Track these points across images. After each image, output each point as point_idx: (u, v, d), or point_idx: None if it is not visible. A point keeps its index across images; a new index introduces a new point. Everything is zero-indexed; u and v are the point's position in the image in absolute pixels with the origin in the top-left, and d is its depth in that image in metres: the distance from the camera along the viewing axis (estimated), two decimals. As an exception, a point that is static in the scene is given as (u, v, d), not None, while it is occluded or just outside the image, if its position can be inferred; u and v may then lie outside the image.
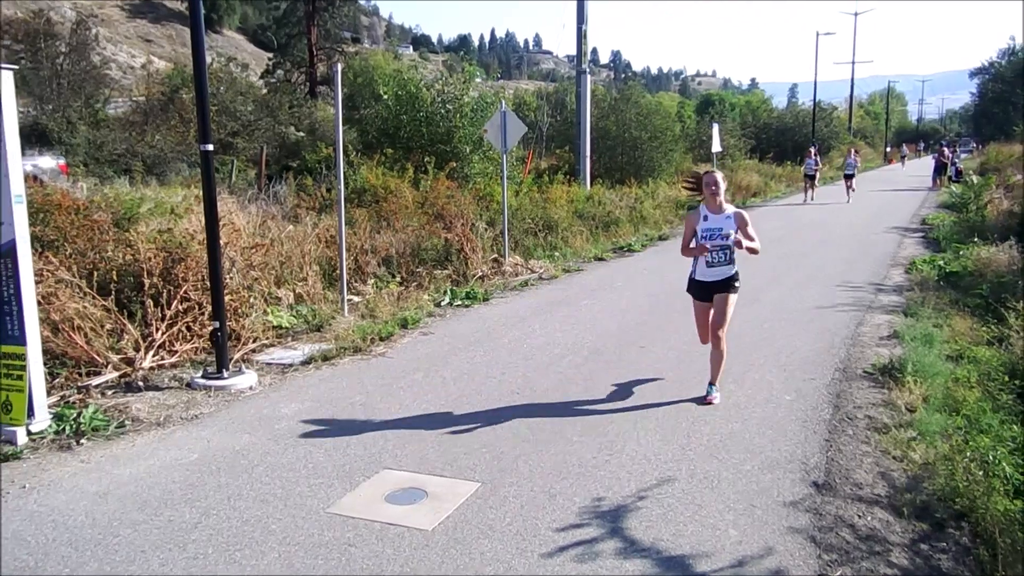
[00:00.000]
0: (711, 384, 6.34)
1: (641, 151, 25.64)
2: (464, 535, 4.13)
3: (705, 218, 6.25)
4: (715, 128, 23.64)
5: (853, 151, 29.59)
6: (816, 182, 27.20)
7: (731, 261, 6.25)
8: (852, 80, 65.46)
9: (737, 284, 6.33)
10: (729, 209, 6.25)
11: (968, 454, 4.69)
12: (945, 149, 36.52)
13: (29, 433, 5.58)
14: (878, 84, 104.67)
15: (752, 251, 6.23)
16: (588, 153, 22.07)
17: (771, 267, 12.93)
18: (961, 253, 12.77)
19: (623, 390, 6.60)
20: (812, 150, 28.10)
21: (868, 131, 74.50)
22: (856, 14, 65.47)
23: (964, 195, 20.43)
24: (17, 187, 5.54)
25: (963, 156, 47.76)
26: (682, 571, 3.77)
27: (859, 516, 4.35)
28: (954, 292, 10.29)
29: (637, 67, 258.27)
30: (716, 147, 22.92)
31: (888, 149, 65.55)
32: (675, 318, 9.24)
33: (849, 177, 27.20)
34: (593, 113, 23.46)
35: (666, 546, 4.00)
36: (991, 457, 4.55)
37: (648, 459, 5.12)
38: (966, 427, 5.31)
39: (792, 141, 44.37)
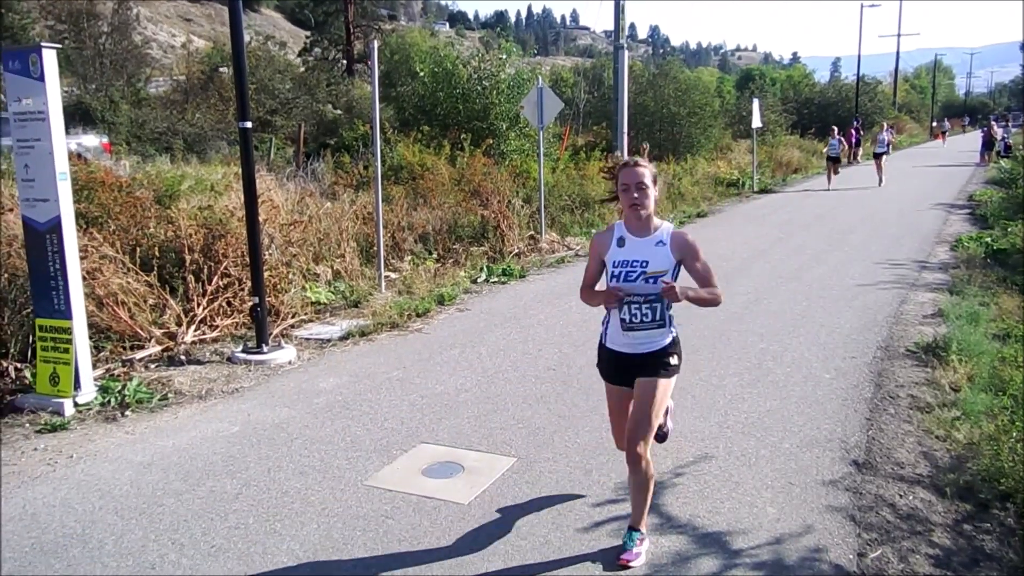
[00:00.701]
0: (631, 530, 3.72)
1: (679, 127, 25.35)
2: (500, 508, 4.15)
3: (620, 242, 3.74)
4: (755, 103, 23.21)
5: (887, 126, 27.27)
6: (839, 165, 24.46)
7: (663, 321, 3.68)
8: (897, 53, 63.85)
9: (675, 361, 3.78)
10: (662, 230, 3.72)
11: (1014, 434, 4.59)
12: (994, 124, 35.42)
13: (76, 405, 5.71)
14: (925, 57, 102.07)
15: (702, 302, 3.75)
16: (625, 129, 21.79)
17: (812, 245, 12.73)
18: (1009, 230, 12.45)
19: (660, 367, 6.55)
20: (853, 126, 27.39)
21: (914, 105, 72.70)
22: (903, -15, 63.67)
23: (1013, 170, 19.88)
24: (61, 164, 5.64)
25: (1013, 130, 46.46)
26: (719, 548, 3.75)
27: (900, 496, 4.28)
28: (1002, 270, 10.04)
29: (676, 42, 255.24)
30: (756, 123, 22.54)
31: (934, 124, 63.99)
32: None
33: (879, 156, 24.34)
34: (631, 89, 23.17)
35: (703, 523, 3.99)
36: (1038, 437, 4.44)
37: (685, 436, 5.09)
38: (1012, 407, 5.20)
39: (835, 116, 43.44)
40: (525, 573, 3.57)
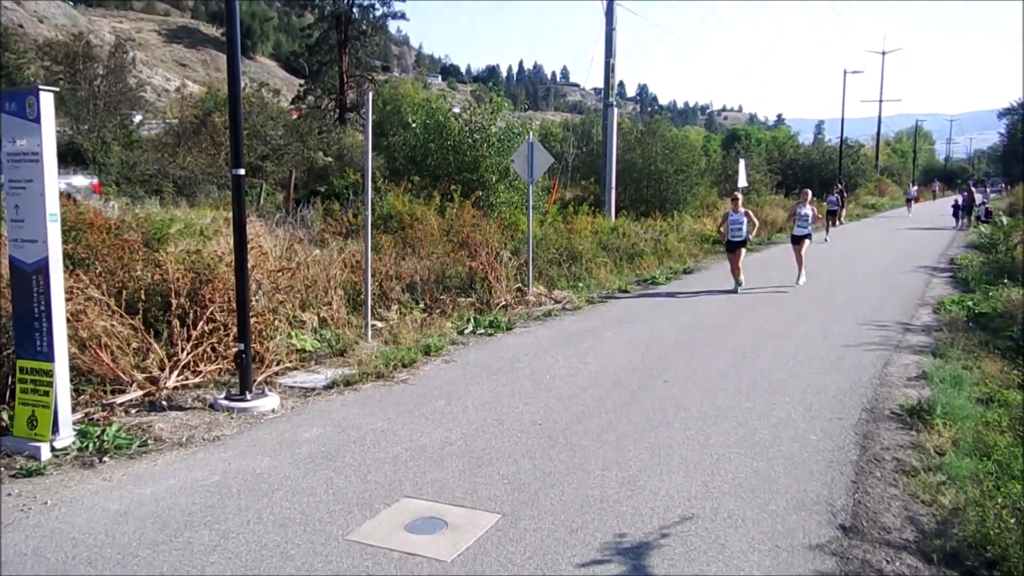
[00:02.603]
0: None
1: (667, 184, 25.67)
2: (483, 568, 4.08)
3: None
4: (741, 163, 23.60)
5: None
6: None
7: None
8: (879, 118, 65.28)
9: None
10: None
11: (999, 500, 4.58)
12: (973, 189, 36.15)
13: (53, 449, 5.61)
14: (906, 122, 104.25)
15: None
16: (614, 185, 22.13)
17: (797, 304, 12.82)
18: (991, 294, 12.59)
19: (646, 424, 6.53)
20: (837, 187, 27.99)
21: (895, 168, 74.09)
22: (884, 53, 65.43)
23: (994, 235, 20.20)
24: (52, 206, 5.63)
25: (992, 196, 47.34)
26: (705, 612, 3.70)
27: (887, 561, 4.25)
28: (984, 333, 10.13)
29: (664, 100, 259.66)
30: (742, 182, 22.86)
31: (915, 187, 65.13)
32: (699, 352, 9.17)
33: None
34: (619, 145, 23.55)
35: (689, 586, 3.93)
36: (1024, 505, 4.44)
37: (671, 496, 5.05)
38: (997, 472, 5.20)
39: (819, 177, 44.22)
40: (508, 635, 3.49)
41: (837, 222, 26.74)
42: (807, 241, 15.21)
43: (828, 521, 4.70)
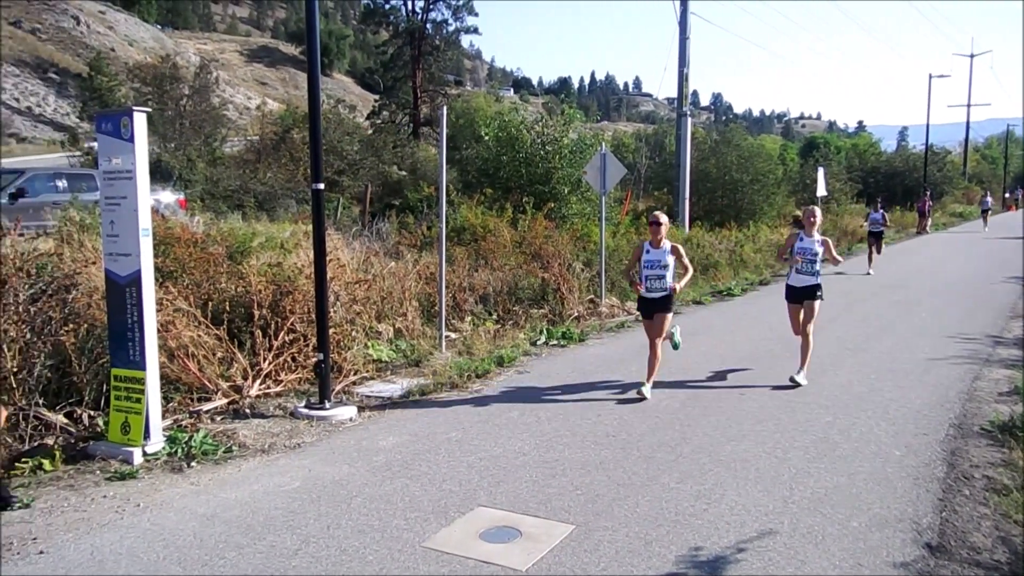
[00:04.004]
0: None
1: (742, 194, 25.25)
2: (558, 577, 4.09)
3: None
4: (820, 171, 23.03)
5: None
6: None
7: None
8: (967, 124, 62.94)
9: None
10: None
11: (1100, 522, 4.37)
12: None
13: (144, 454, 5.86)
14: (997, 127, 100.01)
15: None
16: (687, 195, 21.90)
17: (879, 316, 12.45)
18: (1089, 306, 11.99)
19: (722, 437, 6.44)
20: (924, 196, 26.26)
21: (985, 175, 71.16)
22: (972, 56, 63.10)
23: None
24: (145, 221, 5.90)
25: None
26: (784, 629, 3.63)
27: (977, 583, 4.09)
28: (1082, 347, 9.65)
29: (739, 109, 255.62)
30: (821, 191, 22.31)
31: (1006, 195, 62.40)
32: (777, 364, 8.99)
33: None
34: (693, 155, 23.30)
35: (767, 602, 3.86)
36: None
37: (748, 510, 4.97)
38: (1097, 493, 4.95)
39: (902, 185, 42.91)
40: (583, 646, 3.49)
41: (918, 231, 22.54)
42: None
43: (913, 540, 4.56)
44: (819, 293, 8.37)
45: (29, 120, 55.45)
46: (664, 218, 7.94)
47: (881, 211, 20.13)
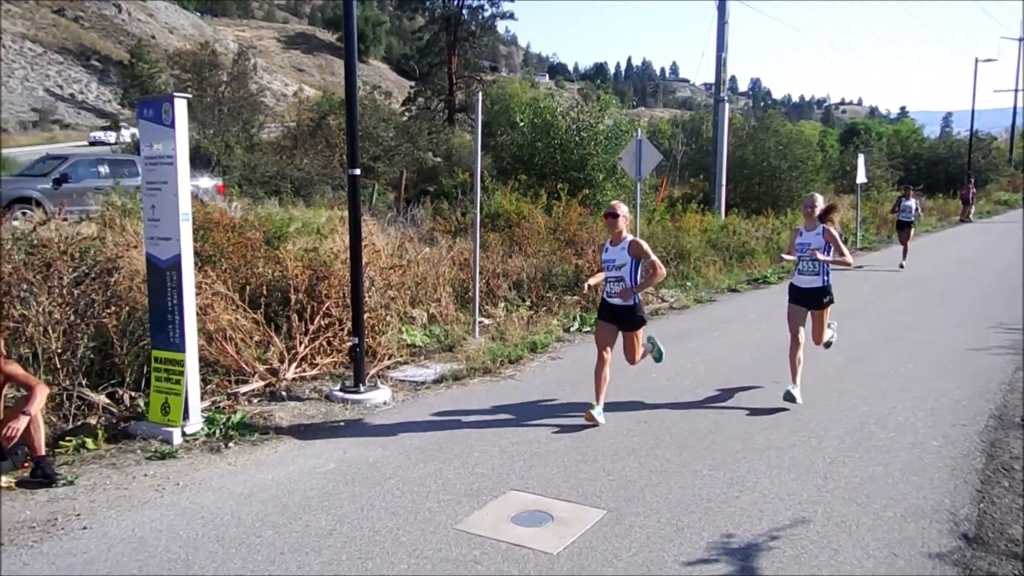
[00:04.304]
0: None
1: (780, 181, 24.92)
2: (589, 561, 4.11)
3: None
4: (861, 158, 22.60)
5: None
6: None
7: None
8: (1015, 109, 61.11)
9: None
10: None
11: None
12: None
13: (184, 435, 5.98)
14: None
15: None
16: (724, 182, 21.66)
17: (917, 305, 12.25)
18: None
19: (756, 425, 6.40)
20: (968, 184, 25.01)
21: (1032, 162, 69.38)
22: (1021, 40, 61.34)
23: None
24: (185, 206, 6.00)
25: None
26: (816, 617, 3.61)
27: (1015, 574, 4.03)
28: None
29: (777, 95, 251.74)
30: (861, 178, 21.93)
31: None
32: (812, 351, 8.89)
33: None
34: (730, 142, 23.02)
35: (799, 590, 3.85)
36: None
37: (781, 498, 4.94)
38: None
39: (945, 173, 41.96)
40: (613, 629, 3.51)
41: (962, 219, 18.75)
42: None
43: (950, 530, 4.50)
44: (827, 299, 7.11)
45: (72, 107, 56.50)
46: (623, 208, 6.61)
47: (914, 199, 18.37)
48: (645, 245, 6.47)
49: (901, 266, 17.09)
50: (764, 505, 4.83)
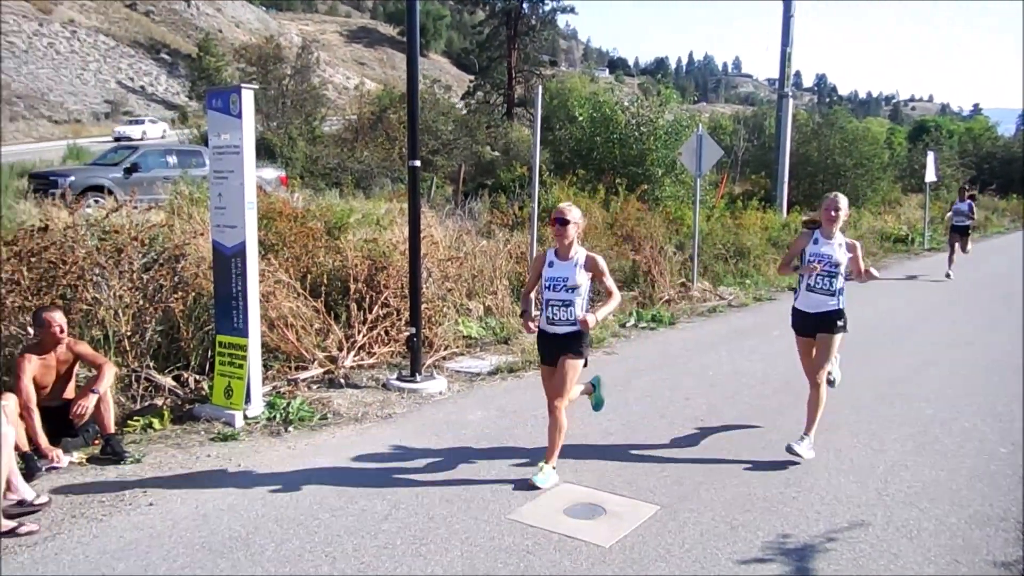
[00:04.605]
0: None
1: (844, 179, 24.35)
2: (641, 555, 4.10)
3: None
4: (930, 156, 21.95)
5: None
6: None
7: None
8: (1095, 106, 58.72)
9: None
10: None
11: None
12: None
13: (245, 418, 6.14)
14: None
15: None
16: (786, 179, 21.28)
17: (989, 309, 11.87)
18: None
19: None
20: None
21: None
22: (1103, 34, 58.73)
23: None
24: (250, 194, 6.14)
25: None
26: (874, 621, 3.54)
27: (1086, 588, 3.90)
28: None
29: (844, 91, 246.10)
30: (930, 176, 21.31)
31: None
32: (874, 355, 8.71)
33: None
34: (794, 138, 22.59)
35: (857, 593, 3.78)
36: None
37: (839, 500, 4.85)
38: None
39: (1021, 172, 40.48)
40: (665, 624, 3.50)
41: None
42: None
43: (1016, 539, 4.36)
44: (840, 323, 5.61)
45: (142, 99, 58.16)
46: (574, 213, 5.12)
47: (969, 201, 15.96)
48: (602, 263, 5.19)
49: (947, 275, 15.15)
50: (821, 507, 4.75)
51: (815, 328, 5.69)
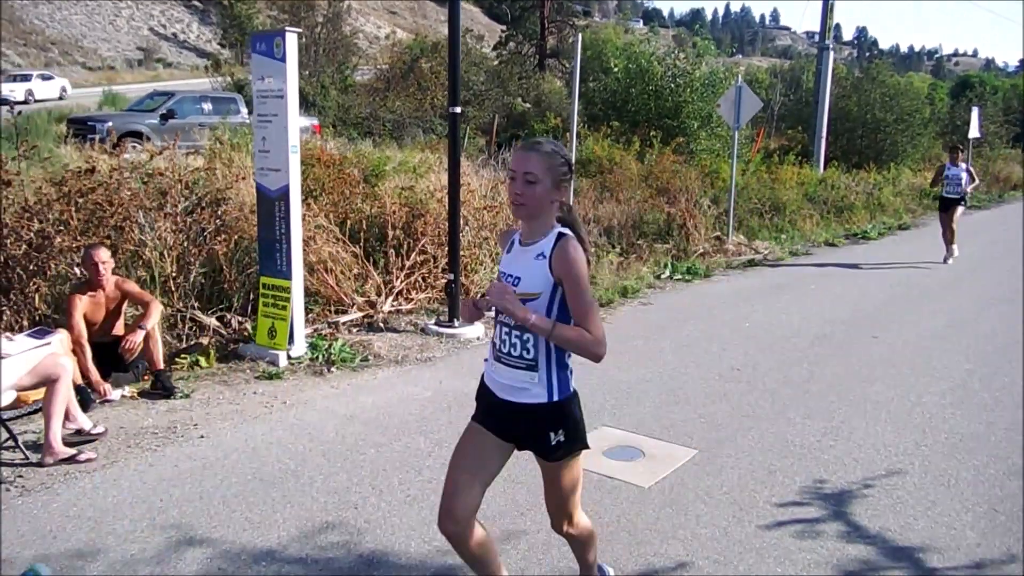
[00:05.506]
0: None
1: (884, 134, 23.88)
2: (680, 496, 4.18)
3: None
4: (975, 112, 21.41)
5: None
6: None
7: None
8: None
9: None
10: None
11: None
12: None
13: (289, 358, 6.27)
14: None
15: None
16: (824, 134, 20.92)
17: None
18: None
19: (852, 378, 6.30)
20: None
21: None
22: None
23: None
24: (293, 138, 6.19)
25: None
26: (911, 563, 3.60)
27: (1125, 538, 3.91)
28: None
29: (884, 45, 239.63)
30: (974, 132, 20.81)
31: None
32: (913, 310, 8.66)
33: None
34: (833, 92, 22.12)
35: (893, 536, 3.83)
36: None
37: (877, 449, 4.88)
38: None
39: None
40: (706, 560, 3.58)
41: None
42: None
43: (1056, 491, 4.38)
44: (563, 427, 2.83)
45: (175, 46, 58.17)
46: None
47: (965, 165, 12.30)
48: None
49: (946, 260, 11.99)
50: (859, 455, 4.79)
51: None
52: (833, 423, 5.32)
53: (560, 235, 2.63)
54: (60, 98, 34.35)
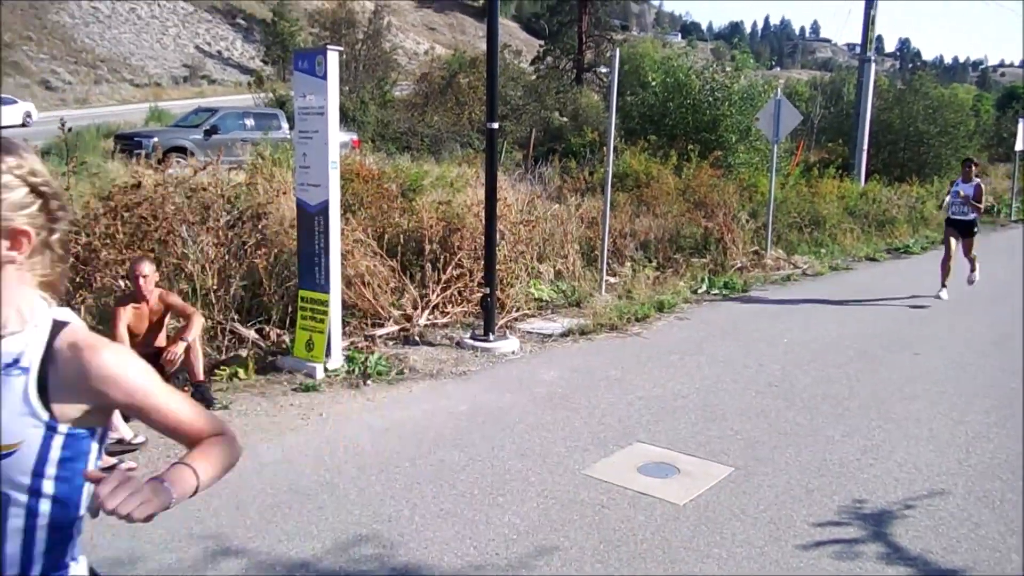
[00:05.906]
0: None
1: (927, 147, 23.49)
2: (716, 514, 4.14)
3: None
4: (1021, 123, 20.98)
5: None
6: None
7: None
8: None
9: None
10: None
11: None
12: None
13: (326, 370, 6.34)
14: None
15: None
16: (866, 147, 20.65)
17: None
18: None
19: (892, 395, 6.19)
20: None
21: None
22: None
23: None
24: (334, 154, 6.28)
25: None
26: (953, 587, 3.53)
27: None
28: None
29: (928, 56, 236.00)
30: (1020, 145, 20.39)
31: None
32: (957, 326, 8.50)
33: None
34: (875, 104, 21.85)
35: (935, 559, 3.75)
36: None
37: (918, 469, 4.79)
38: None
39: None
40: (740, 579, 3.54)
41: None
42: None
43: (1106, 514, 4.26)
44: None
45: (219, 63, 59.34)
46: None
47: (977, 182, 10.26)
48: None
49: (939, 296, 9.92)
50: (899, 474, 4.71)
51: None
52: (873, 441, 5.23)
53: (59, 324, 1.45)
54: (23, 124, 29.43)
